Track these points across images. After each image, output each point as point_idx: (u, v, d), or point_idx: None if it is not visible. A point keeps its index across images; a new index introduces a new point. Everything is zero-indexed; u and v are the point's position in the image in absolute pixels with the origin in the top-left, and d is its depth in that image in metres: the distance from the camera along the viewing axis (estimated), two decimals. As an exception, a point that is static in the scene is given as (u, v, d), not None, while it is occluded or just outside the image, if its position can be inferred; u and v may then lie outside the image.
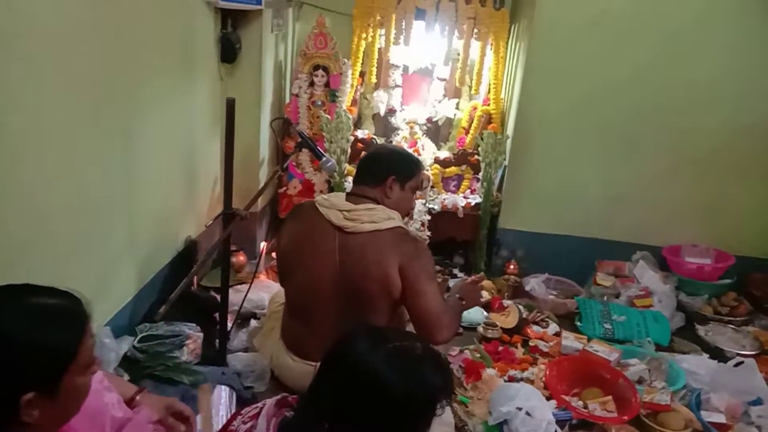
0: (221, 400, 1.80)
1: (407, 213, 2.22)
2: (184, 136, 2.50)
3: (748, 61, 2.91)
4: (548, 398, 2.08)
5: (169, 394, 1.69)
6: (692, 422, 2.06)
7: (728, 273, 3.03)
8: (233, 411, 1.68)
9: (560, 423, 1.96)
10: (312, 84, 3.25)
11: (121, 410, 1.32)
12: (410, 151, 3.16)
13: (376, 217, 1.87)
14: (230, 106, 1.88)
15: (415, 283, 1.83)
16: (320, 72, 3.22)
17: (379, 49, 3.38)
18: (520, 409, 1.88)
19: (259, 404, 1.14)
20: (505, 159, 3.24)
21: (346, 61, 3.25)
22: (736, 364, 2.29)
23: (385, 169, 1.98)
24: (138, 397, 1.44)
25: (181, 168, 2.51)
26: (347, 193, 2.00)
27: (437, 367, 1.10)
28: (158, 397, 1.54)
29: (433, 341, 1.79)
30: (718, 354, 2.56)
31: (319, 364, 1.13)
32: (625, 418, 1.98)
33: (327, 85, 3.24)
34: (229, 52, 2.77)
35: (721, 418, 2.07)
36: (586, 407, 2.06)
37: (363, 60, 3.37)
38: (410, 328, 1.92)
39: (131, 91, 1.98)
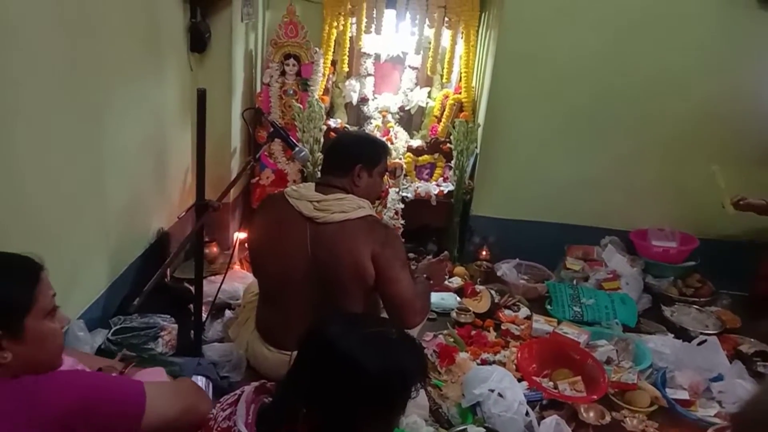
0: (198, 390, 1.80)
1: (377, 197, 2.24)
2: (155, 127, 2.47)
3: (714, 50, 2.97)
4: (520, 380, 2.13)
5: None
6: (658, 399, 2.14)
7: (692, 255, 3.12)
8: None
9: (531, 403, 2.01)
10: (283, 73, 3.23)
11: None
12: (376, 135, 3.17)
13: (346, 206, 1.87)
14: (201, 96, 1.87)
15: (388, 271, 1.85)
16: (291, 61, 3.20)
17: (351, 37, 3.38)
18: (492, 390, 1.93)
19: (237, 391, 1.15)
20: (476, 147, 3.27)
21: (317, 49, 3.24)
22: (700, 343, 2.38)
23: (352, 158, 1.97)
24: (126, 372, 1.49)
25: (152, 159, 2.48)
26: (316, 183, 2.00)
27: (411, 350, 1.13)
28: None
29: (407, 326, 1.83)
30: (683, 334, 2.64)
31: (295, 352, 1.15)
32: (594, 397, 2.04)
33: (298, 74, 3.23)
34: (198, 42, 2.73)
35: (684, 395, 2.15)
36: (556, 387, 2.12)
37: (334, 48, 3.36)
38: (384, 314, 1.94)
39: (100, 82, 1.95)
